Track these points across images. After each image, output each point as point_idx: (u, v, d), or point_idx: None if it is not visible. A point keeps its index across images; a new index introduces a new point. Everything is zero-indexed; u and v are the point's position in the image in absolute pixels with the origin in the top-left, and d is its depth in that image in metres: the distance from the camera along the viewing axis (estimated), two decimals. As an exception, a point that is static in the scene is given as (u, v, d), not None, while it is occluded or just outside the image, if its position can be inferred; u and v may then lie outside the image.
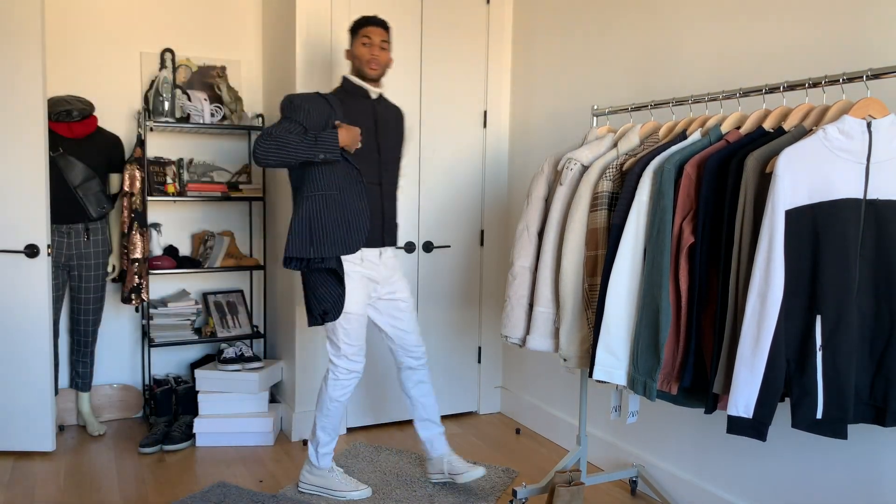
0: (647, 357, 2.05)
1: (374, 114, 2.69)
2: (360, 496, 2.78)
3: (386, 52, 2.68)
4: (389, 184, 2.73)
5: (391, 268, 2.77)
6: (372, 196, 2.66)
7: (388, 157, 2.72)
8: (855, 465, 2.14)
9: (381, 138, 2.70)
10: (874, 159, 1.77)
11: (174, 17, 3.74)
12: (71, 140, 3.28)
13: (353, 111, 2.63)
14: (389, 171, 2.73)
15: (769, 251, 1.74)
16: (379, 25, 2.68)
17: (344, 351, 2.68)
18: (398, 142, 2.78)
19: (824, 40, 2.21)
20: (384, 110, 2.75)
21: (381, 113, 2.73)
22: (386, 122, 2.72)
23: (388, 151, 2.72)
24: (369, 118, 2.67)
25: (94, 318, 3.44)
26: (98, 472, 3.02)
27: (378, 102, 2.73)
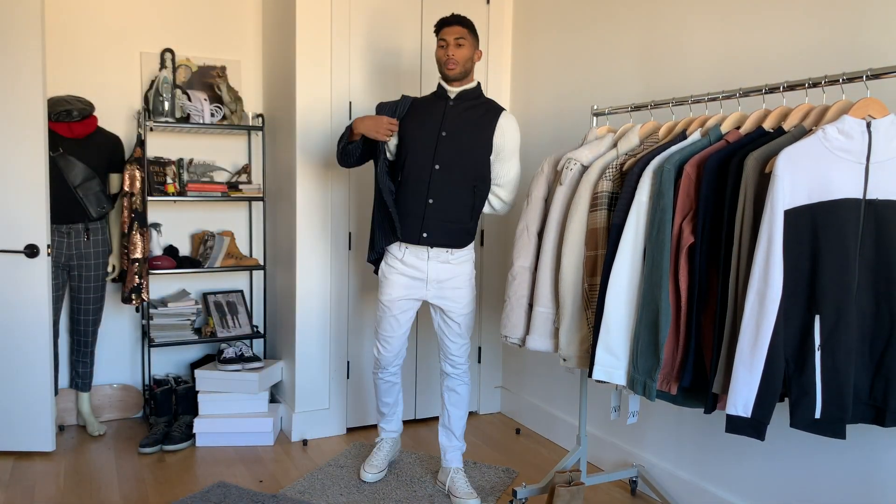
0: (647, 357, 2.05)
1: (441, 113, 2.67)
2: (364, 476, 2.95)
3: (463, 49, 2.62)
4: (446, 183, 2.63)
5: (443, 271, 2.71)
6: (415, 194, 2.64)
7: (449, 156, 2.63)
8: (854, 465, 2.14)
9: (442, 137, 2.63)
10: (874, 159, 1.77)
11: (174, 17, 3.74)
12: (71, 140, 3.28)
13: (421, 111, 2.69)
14: (451, 171, 2.62)
15: (768, 251, 1.74)
16: (453, 24, 2.64)
17: (377, 334, 2.87)
18: (473, 143, 2.65)
19: (824, 40, 2.21)
20: (461, 111, 2.67)
21: (453, 113, 2.66)
22: (456, 122, 2.65)
23: (450, 151, 2.63)
24: (433, 117, 2.66)
25: (94, 318, 3.44)
26: (98, 472, 3.03)
27: (457, 102, 2.68)
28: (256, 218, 3.98)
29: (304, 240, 3.38)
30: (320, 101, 3.35)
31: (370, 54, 3.44)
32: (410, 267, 2.72)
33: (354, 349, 3.55)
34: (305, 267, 3.39)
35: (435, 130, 2.64)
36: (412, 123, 2.68)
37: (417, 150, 2.64)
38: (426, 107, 2.71)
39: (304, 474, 3.03)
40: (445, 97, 2.69)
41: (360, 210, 3.50)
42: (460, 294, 2.74)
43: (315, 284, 3.42)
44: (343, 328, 3.51)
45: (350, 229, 3.49)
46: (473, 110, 2.68)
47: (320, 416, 3.47)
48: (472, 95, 2.70)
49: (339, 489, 2.88)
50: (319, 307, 3.44)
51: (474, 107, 2.69)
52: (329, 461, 3.15)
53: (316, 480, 2.95)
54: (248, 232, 3.98)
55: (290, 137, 3.43)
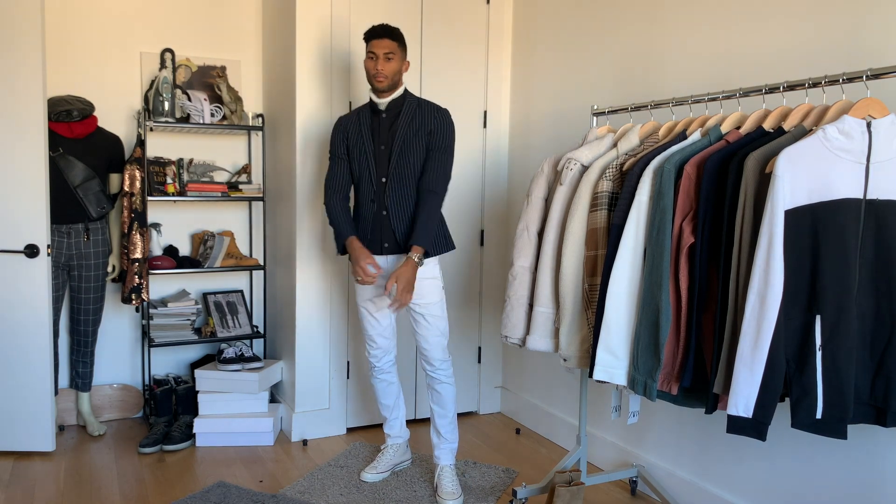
0: (648, 357, 2.05)
1: (375, 128, 2.76)
2: (363, 476, 2.98)
3: (392, 63, 2.66)
4: (392, 196, 2.73)
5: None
6: (370, 209, 2.76)
7: (387, 170, 2.73)
8: (855, 466, 2.14)
9: (377, 153, 2.74)
10: (874, 159, 1.77)
11: (174, 17, 3.74)
12: (71, 140, 3.28)
13: (352, 130, 2.80)
14: (393, 184, 2.72)
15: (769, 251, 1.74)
16: (383, 37, 2.66)
17: (364, 335, 2.96)
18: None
19: (824, 40, 2.21)
20: (391, 122, 2.74)
21: (385, 126, 2.74)
22: (389, 135, 2.73)
23: (387, 165, 2.73)
24: (364, 133, 2.76)
25: (94, 318, 3.44)
26: (98, 472, 3.02)
27: (386, 114, 2.74)
28: (256, 218, 3.98)
29: (304, 240, 3.38)
30: (320, 101, 3.35)
31: (370, 54, 3.44)
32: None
33: (354, 349, 3.55)
34: (305, 267, 3.39)
35: (368, 147, 2.76)
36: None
37: (361, 168, 2.76)
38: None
39: (304, 474, 3.03)
40: (376, 109, 2.76)
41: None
42: (425, 292, 2.76)
43: (315, 284, 3.42)
44: (343, 328, 3.51)
45: (350, 229, 3.49)
46: (401, 121, 2.73)
47: (320, 416, 3.47)
48: (399, 103, 2.75)
49: (339, 489, 2.88)
50: (319, 307, 3.44)
51: (402, 117, 2.73)
52: (329, 461, 3.15)
53: (316, 480, 2.95)
54: (248, 232, 3.98)
55: (290, 137, 3.42)
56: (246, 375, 3.38)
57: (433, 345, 2.80)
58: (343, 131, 2.81)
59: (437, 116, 2.72)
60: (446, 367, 2.84)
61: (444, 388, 2.84)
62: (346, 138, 2.80)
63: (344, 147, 2.81)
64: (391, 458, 3.03)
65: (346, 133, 2.80)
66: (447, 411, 2.86)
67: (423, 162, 2.72)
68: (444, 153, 2.72)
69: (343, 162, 2.82)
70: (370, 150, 2.73)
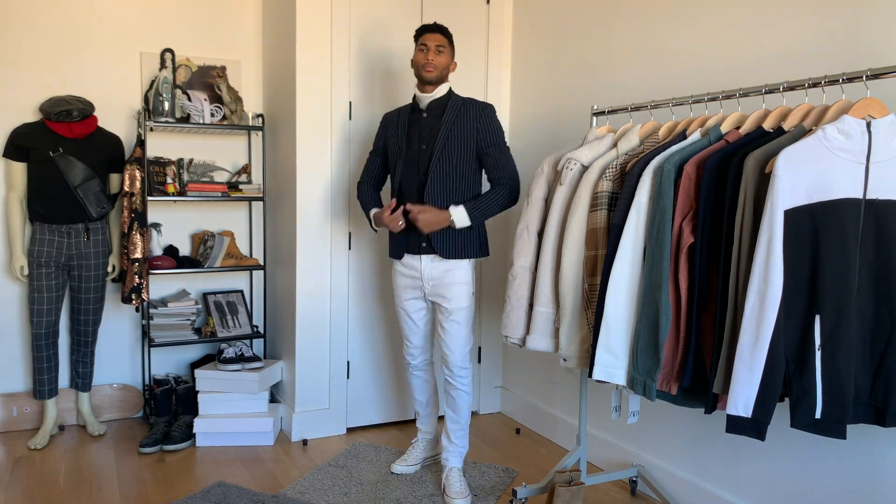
0: (647, 357, 2.05)
1: (416, 126, 2.79)
2: (392, 468, 3.07)
3: (443, 56, 2.72)
4: (431, 197, 2.72)
5: (436, 276, 2.78)
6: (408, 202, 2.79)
7: (427, 170, 2.73)
8: (855, 466, 2.14)
9: (419, 153, 2.76)
10: (874, 159, 1.77)
11: (174, 17, 3.74)
12: (71, 140, 3.29)
13: (392, 129, 2.86)
14: (433, 185, 2.71)
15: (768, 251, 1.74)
16: (436, 32, 2.75)
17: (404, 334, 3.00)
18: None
19: (824, 40, 2.21)
20: (433, 122, 2.75)
21: (426, 125, 2.76)
22: (430, 135, 2.74)
23: (427, 165, 2.73)
24: (404, 132, 2.81)
25: (95, 318, 3.44)
26: (98, 472, 3.03)
27: (428, 113, 2.77)
28: (256, 218, 3.98)
29: (304, 240, 3.38)
30: (320, 101, 3.35)
31: (370, 54, 3.44)
32: (409, 268, 2.84)
33: (354, 349, 3.55)
34: (305, 267, 3.39)
35: (407, 146, 2.79)
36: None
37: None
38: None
39: (304, 474, 3.03)
40: (419, 109, 2.80)
41: (360, 210, 3.50)
42: (452, 293, 2.77)
43: (315, 284, 3.42)
44: (343, 328, 3.51)
45: (350, 229, 3.49)
46: (445, 118, 2.73)
47: (320, 416, 3.47)
48: (444, 103, 2.77)
49: (339, 489, 2.88)
50: (319, 307, 3.44)
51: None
52: (329, 461, 3.16)
53: (316, 480, 2.95)
54: (248, 232, 3.98)
55: (290, 137, 3.43)
56: (246, 375, 3.38)
57: (455, 351, 2.80)
58: (384, 127, 2.89)
59: (482, 114, 2.72)
60: (465, 375, 2.83)
61: (459, 396, 2.85)
62: (385, 134, 2.88)
63: (382, 142, 2.90)
64: (421, 453, 3.10)
65: (387, 130, 2.87)
66: (460, 417, 2.87)
67: (476, 162, 2.75)
68: (499, 149, 2.72)
69: (379, 157, 2.93)
70: (410, 149, 2.77)
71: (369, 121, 3.48)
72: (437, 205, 2.70)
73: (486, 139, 2.72)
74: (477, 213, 2.68)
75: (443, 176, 2.71)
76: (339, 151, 3.42)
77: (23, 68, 3.46)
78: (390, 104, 3.54)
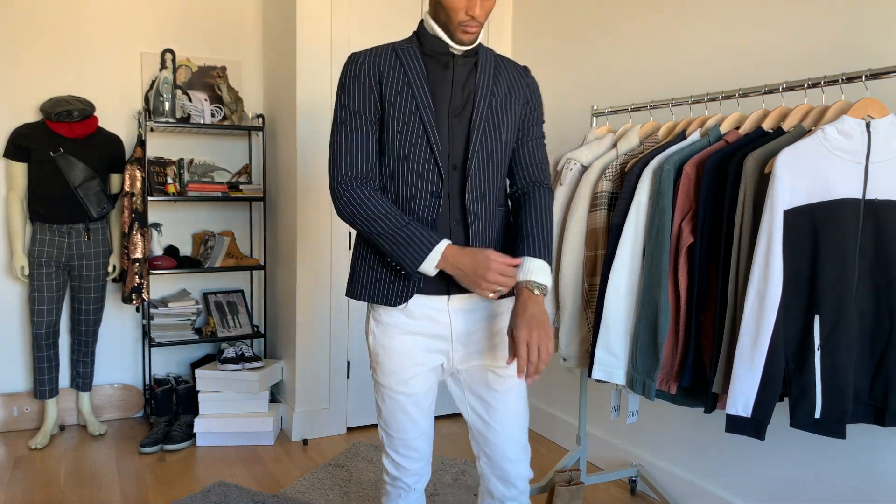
0: (647, 357, 2.06)
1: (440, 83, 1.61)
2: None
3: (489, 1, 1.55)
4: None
5: (477, 328, 1.66)
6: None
7: (467, 154, 1.60)
8: (854, 465, 2.14)
9: (450, 126, 1.60)
10: (873, 159, 1.77)
11: (174, 17, 3.75)
12: (71, 140, 3.29)
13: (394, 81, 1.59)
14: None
15: (768, 251, 1.75)
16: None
17: (384, 436, 1.73)
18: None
19: (823, 40, 2.21)
20: (465, 77, 1.63)
21: (459, 82, 1.62)
22: (466, 97, 1.62)
23: (465, 145, 1.60)
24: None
25: (95, 318, 3.45)
26: (98, 471, 3.03)
27: (461, 64, 1.63)
28: (257, 218, 3.98)
29: (304, 240, 3.38)
30: (320, 101, 3.36)
31: (370, 54, 3.44)
32: (422, 319, 1.63)
33: (354, 349, 3.56)
34: (305, 267, 3.39)
35: (444, 110, 1.60)
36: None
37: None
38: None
39: (304, 474, 3.03)
40: (447, 53, 1.62)
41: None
42: (504, 349, 1.66)
43: (315, 284, 3.42)
44: (343, 328, 3.51)
45: (350, 229, 3.49)
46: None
47: (320, 416, 3.48)
48: (473, 53, 1.65)
49: (339, 489, 2.88)
50: (319, 307, 3.44)
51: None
52: (329, 461, 3.16)
53: (316, 480, 2.95)
54: (249, 232, 3.98)
55: (290, 137, 3.43)
56: (246, 375, 3.39)
57: (516, 450, 1.67)
58: (374, 77, 1.59)
59: (530, 79, 1.72)
60: (527, 488, 1.72)
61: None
62: (379, 89, 1.59)
63: (374, 105, 1.59)
64: None
65: (381, 81, 1.59)
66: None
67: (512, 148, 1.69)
68: (541, 135, 1.75)
69: (370, 130, 1.60)
70: (434, 119, 1.58)
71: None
72: (480, 209, 1.62)
73: (533, 116, 1.70)
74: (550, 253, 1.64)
75: (487, 165, 1.62)
76: (340, 151, 3.41)
77: (23, 68, 3.47)
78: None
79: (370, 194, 1.57)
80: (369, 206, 1.55)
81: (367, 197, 1.56)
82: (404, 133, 1.58)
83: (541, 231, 1.62)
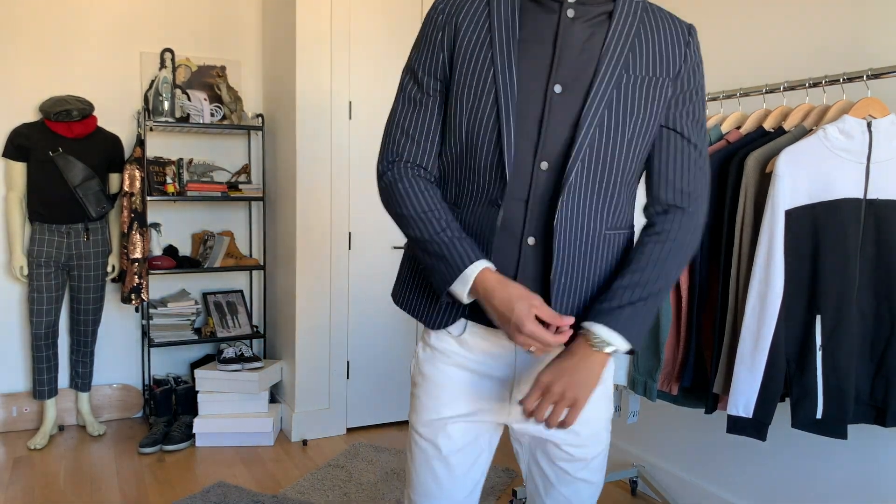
0: (648, 357, 2.05)
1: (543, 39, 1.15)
2: None
3: None
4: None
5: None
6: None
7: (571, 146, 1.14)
8: (855, 466, 2.14)
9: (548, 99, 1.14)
10: (874, 159, 1.77)
11: (174, 17, 3.74)
12: (71, 140, 3.28)
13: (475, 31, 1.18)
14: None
15: (769, 251, 1.74)
16: None
17: (407, 493, 1.37)
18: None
19: (825, 40, 2.21)
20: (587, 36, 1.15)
21: (571, 42, 1.15)
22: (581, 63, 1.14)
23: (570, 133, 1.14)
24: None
25: (94, 318, 3.44)
26: (98, 472, 3.02)
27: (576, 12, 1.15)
28: (256, 218, 3.98)
29: (304, 240, 3.38)
30: (320, 101, 3.35)
31: (370, 54, 3.44)
32: (479, 354, 1.26)
33: (354, 349, 3.55)
34: (305, 267, 3.39)
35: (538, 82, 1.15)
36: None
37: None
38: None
39: (304, 474, 3.03)
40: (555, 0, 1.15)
41: (360, 210, 3.50)
42: (586, 413, 1.26)
43: (315, 284, 3.42)
44: (343, 328, 3.50)
45: (350, 229, 3.49)
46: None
47: (320, 416, 3.47)
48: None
49: (339, 489, 2.88)
50: (319, 307, 3.44)
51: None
52: (329, 461, 3.15)
53: (316, 480, 2.95)
54: (248, 232, 3.98)
55: (290, 137, 3.42)
56: (246, 375, 3.38)
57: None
58: (450, 30, 1.20)
59: (691, 40, 1.20)
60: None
61: None
62: (452, 47, 1.19)
63: (443, 68, 1.21)
64: None
65: (456, 35, 1.19)
66: None
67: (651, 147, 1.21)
68: (697, 134, 1.21)
69: (433, 102, 1.22)
70: (515, 93, 1.14)
71: (369, 121, 3.48)
72: (575, 227, 1.16)
73: (687, 108, 1.20)
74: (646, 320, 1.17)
75: (597, 178, 1.17)
76: (339, 151, 3.41)
77: (23, 68, 3.46)
78: (391, 104, 3.53)
79: (413, 184, 1.19)
80: (407, 200, 1.19)
81: (407, 188, 1.19)
82: (473, 109, 1.15)
83: (635, 287, 1.14)
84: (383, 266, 3.58)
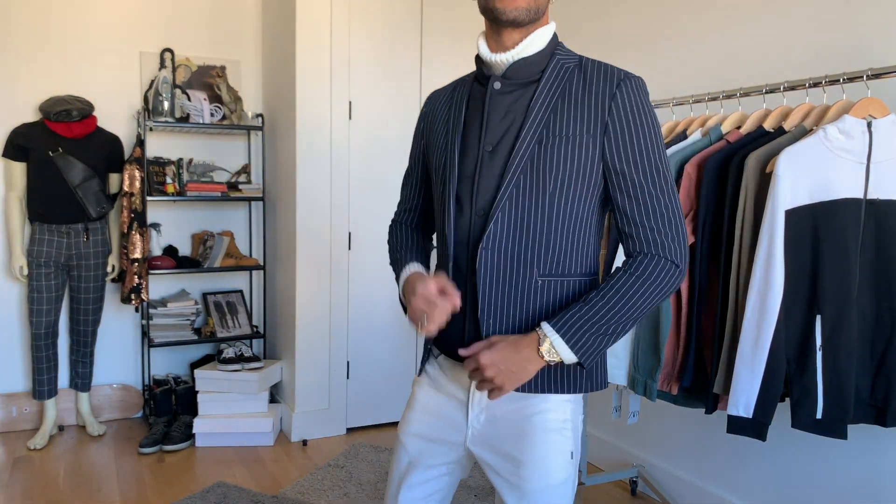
0: (648, 357, 2.05)
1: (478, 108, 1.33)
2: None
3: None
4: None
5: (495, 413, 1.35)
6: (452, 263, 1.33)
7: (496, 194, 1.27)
8: (855, 466, 2.14)
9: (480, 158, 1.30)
10: (874, 159, 1.77)
11: (174, 17, 3.74)
12: (70, 140, 3.28)
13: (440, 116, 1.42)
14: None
15: (769, 251, 1.74)
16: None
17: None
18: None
19: (825, 40, 2.21)
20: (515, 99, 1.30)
21: (501, 107, 1.30)
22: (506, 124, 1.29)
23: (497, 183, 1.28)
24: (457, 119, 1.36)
25: (94, 319, 3.44)
26: (98, 472, 3.02)
27: (503, 83, 1.31)
28: (256, 218, 3.98)
29: (304, 240, 3.37)
30: (320, 101, 3.35)
31: (370, 54, 3.44)
32: (446, 379, 1.40)
33: (354, 349, 3.55)
34: (305, 267, 3.39)
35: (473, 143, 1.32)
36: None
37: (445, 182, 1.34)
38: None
39: (304, 474, 3.03)
40: (487, 77, 1.33)
41: (360, 210, 3.50)
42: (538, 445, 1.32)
43: (315, 284, 3.41)
44: (343, 328, 3.50)
45: (350, 229, 3.49)
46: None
47: (320, 416, 3.47)
48: (539, 63, 1.30)
49: (339, 489, 2.88)
50: (319, 307, 3.44)
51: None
52: (329, 461, 3.15)
53: (316, 480, 2.95)
54: (248, 232, 3.97)
55: (290, 137, 3.42)
56: (246, 375, 3.38)
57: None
58: (426, 121, 1.46)
59: (618, 92, 1.25)
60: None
61: None
62: (427, 130, 1.45)
63: (421, 147, 1.48)
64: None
65: (430, 121, 1.45)
66: None
67: (600, 194, 1.29)
68: (653, 175, 1.24)
69: (417, 175, 1.51)
70: (457, 155, 1.33)
71: (369, 120, 3.48)
72: (496, 297, 1.28)
73: (625, 152, 1.25)
74: (593, 337, 1.22)
75: (522, 227, 1.27)
76: (339, 151, 3.41)
77: (22, 68, 3.46)
78: (391, 104, 3.53)
79: (398, 229, 1.55)
80: (392, 237, 1.55)
81: (395, 231, 1.55)
82: (436, 173, 1.38)
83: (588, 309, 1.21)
84: (383, 266, 3.58)
